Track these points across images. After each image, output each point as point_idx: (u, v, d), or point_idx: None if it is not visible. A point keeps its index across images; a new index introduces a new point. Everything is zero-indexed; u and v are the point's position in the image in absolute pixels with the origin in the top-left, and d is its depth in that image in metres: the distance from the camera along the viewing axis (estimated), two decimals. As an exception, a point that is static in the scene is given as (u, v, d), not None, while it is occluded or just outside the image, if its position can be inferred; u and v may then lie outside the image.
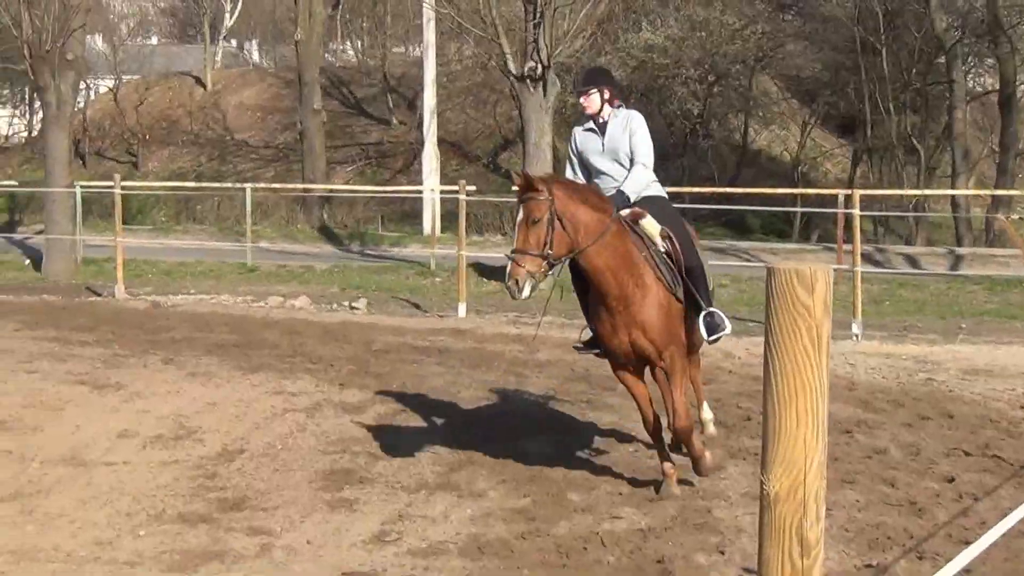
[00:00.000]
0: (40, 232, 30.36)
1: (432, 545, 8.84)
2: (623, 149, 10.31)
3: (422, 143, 38.99)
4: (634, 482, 10.36)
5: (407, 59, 55.82)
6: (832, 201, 27.60)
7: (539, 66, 24.23)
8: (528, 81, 24.67)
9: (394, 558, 8.58)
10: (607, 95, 10.42)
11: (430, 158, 37.44)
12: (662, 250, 9.97)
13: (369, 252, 32.33)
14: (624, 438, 11.92)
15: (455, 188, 23.86)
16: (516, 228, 9.58)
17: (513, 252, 9.46)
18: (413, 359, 16.30)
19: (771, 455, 3.12)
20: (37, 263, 28.10)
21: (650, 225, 10.01)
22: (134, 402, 13.30)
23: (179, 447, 11.62)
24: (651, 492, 9.97)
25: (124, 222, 25.60)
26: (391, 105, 50.08)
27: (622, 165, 10.31)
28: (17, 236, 34.71)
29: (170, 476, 10.70)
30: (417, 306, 22.48)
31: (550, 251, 9.34)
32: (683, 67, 41.04)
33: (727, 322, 10.04)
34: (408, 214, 40.49)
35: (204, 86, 55.17)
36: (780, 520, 3.12)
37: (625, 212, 9.96)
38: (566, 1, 25.08)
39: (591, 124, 10.54)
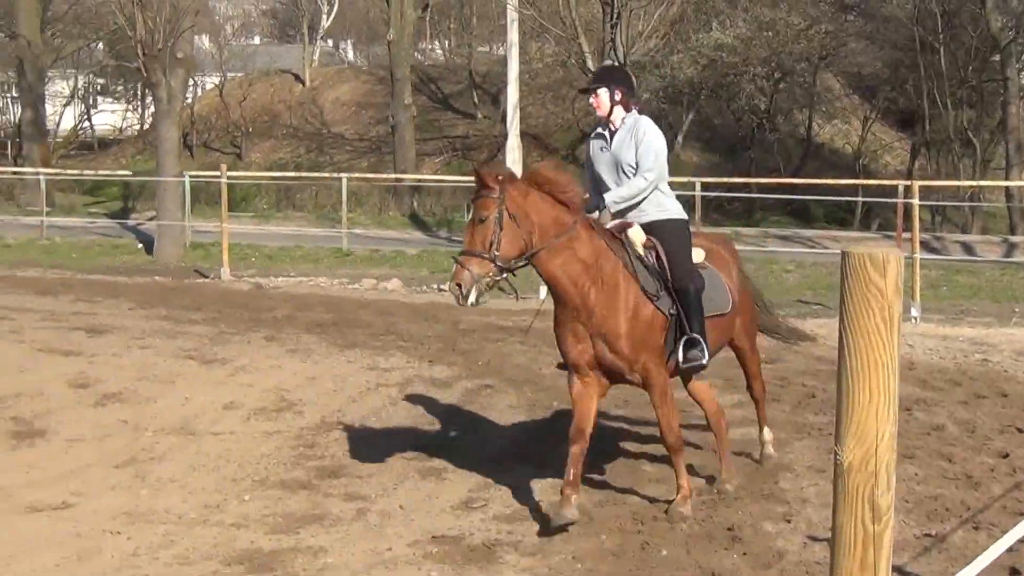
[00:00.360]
0: (152, 218, 30.63)
1: (515, 511, 8.87)
2: (627, 160, 8.82)
3: (505, 136, 38.79)
4: (704, 455, 10.32)
5: (491, 57, 55.80)
6: (892, 191, 27.32)
7: (616, 64, 24.11)
8: (605, 78, 24.57)
9: (480, 523, 8.62)
10: (618, 96, 8.91)
11: (513, 150, 37.25)
12: (644, 257, 8.67)
13: (456, 238, 32.30)
14: (694, 415, 11.88)
15: (536, 178, 23.81)
16: (465, 228, 8.35)
17: (460, 254, 8.40)
18: (497, 338, 16.31)
19: (845, 428, 3.10)
20: (149, 247, 28.33)
21: (635, 234, 8.75)
22: (239, 376, 13.40)
23: (281, 418, 11.70)
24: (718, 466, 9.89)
25: (229, 209, 25.79)
26: (476, 100, 50.11)
27: (628, 176, 8.85)
28: (130, 222, 35.01)
29: (272, 445, 10.79)
30: (501, 288, 22.43)
31: (497, 252, 8.22)
32: (751, 65, 40.76)
33: (705, 356, 8.68)
34: (492, 203, 40.46)
35: (303, 83, 55.41)
36: (853, 489, 3.10)
37: (613, 223, 8.75)
38: (641, 3, 24.98)
39: (601, 130, 9.09)
